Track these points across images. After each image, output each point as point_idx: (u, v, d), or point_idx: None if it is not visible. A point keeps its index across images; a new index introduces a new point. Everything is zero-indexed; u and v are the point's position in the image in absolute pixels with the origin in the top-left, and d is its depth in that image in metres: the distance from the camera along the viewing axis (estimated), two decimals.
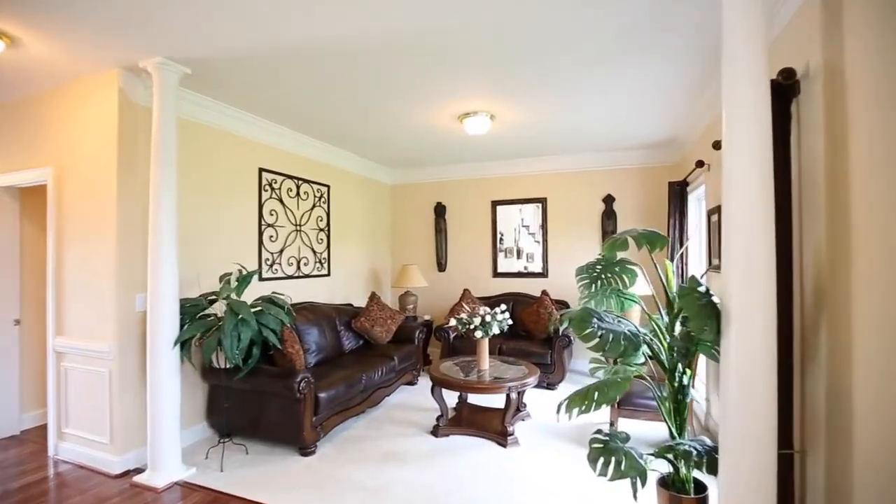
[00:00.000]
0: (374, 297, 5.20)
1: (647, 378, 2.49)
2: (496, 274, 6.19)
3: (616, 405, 3.31)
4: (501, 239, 6.18)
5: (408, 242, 6.67)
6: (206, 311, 3.31)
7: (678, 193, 4.85)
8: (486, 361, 3.90)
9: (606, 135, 4.77)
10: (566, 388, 4.90)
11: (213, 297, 3.36)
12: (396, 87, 3.45)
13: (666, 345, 2.26)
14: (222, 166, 3.89)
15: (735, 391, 1.65)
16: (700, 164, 3.77)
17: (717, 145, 3.15)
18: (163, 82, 2.99)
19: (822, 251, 1.87)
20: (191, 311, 3.19)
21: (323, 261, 5.18)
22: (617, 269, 2.71)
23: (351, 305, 5.39)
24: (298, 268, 4.78)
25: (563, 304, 5.59)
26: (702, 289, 1.94)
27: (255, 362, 3.28)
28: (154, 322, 2.99)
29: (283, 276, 4.57)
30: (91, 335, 3.20)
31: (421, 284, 5.89)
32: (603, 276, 2.78)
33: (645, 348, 2.24)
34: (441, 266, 6.43)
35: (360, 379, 3.92)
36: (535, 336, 5.32)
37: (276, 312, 3.35)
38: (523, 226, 6.07)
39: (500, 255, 6.19)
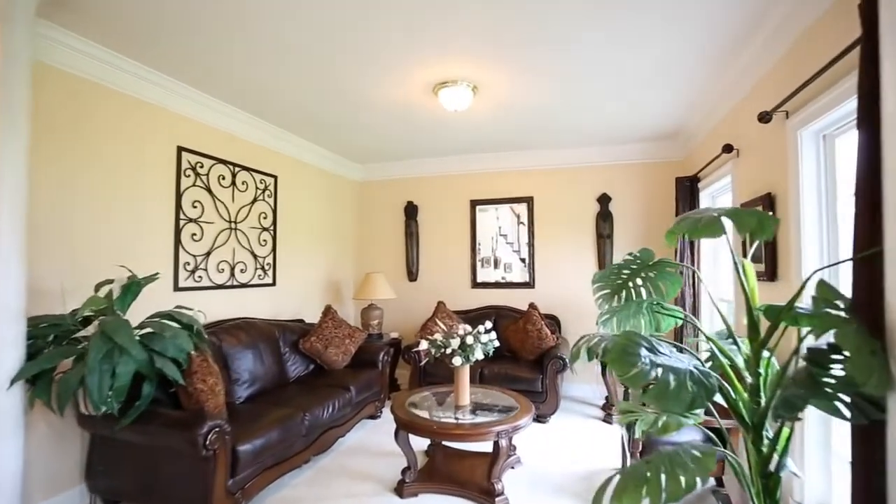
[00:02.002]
0: (328, 312, 4.29)
1: (710, 434, 1.71)
2: (475, 284, 5.38)
3: (638, 454, 2.52)
4: (481, 245, 5.38)
5: (374, 248, 5.78)
6: (78, 334, 2.35)
7: (688, 190, 4.19)
8: (466, 395, 3.05)
9: (606, 120, 4.05)
10: (561, 421, 4.10)
11: (91, 313, 2.41)
12: (352, 46, 2.64)
13: (746, 391, 1.48)
14: (122, 138, 2.95)
15: None
16: (728, 148, 3.08)
17: (764, 118, 2.44)
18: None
19: None
20: (46, 333, 2.23)
21: (266, 267, 4.25)
22: (653, 273, 1.96)
23: (302, 322, 4.46)
24: (232, 275, 3.84)
25: (552, 320, 4.82)
26: (840, 303, 1.17)
27: (145, 404, 2.34)
28: None
29: (211, 285, 3.61)
30: None
31: (387, 296, 5.01)
32: (631, 283, 2.03)
33: (719, 396, 1.47)
34: (412, 275, 5.57)
35: (302, 420, 3.00)
36: (521, 357, 4.51)
37: (175, 336, 2.42)
38: (500, 234, 5.30)
39: (479, 264, 5.38)
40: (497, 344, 3.12)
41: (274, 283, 4.34)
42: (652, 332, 2.00)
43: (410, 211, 5.59)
